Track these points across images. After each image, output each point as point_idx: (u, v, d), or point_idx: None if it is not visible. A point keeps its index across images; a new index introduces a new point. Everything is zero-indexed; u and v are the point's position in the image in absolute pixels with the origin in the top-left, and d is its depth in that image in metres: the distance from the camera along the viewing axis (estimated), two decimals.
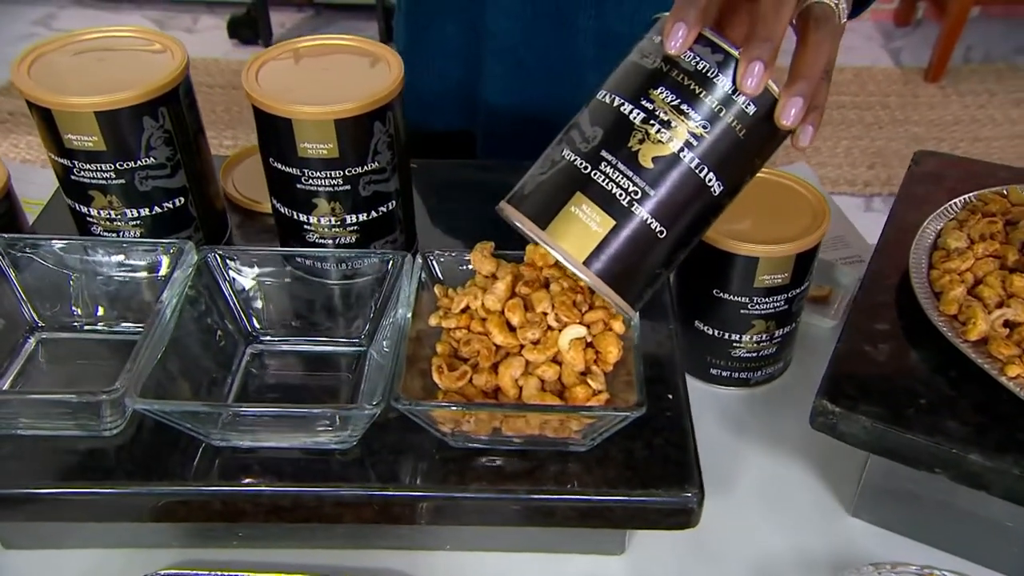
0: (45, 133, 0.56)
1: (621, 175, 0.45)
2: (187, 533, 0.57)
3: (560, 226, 0.45)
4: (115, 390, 0.47)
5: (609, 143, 0.45)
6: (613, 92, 0.46)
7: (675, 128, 0.44)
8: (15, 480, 0.50)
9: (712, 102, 0.44)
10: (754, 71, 0.43)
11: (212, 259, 0.56)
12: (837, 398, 0.53)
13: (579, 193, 0.45)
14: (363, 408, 0.47)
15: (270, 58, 0.59)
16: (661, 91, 0.45)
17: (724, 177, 0.46)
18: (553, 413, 0.47)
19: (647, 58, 0.46)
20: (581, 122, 0.47)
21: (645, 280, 0.47)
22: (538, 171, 0.47)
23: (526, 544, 0.58)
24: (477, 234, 0.57)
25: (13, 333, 0.57)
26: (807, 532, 0.59)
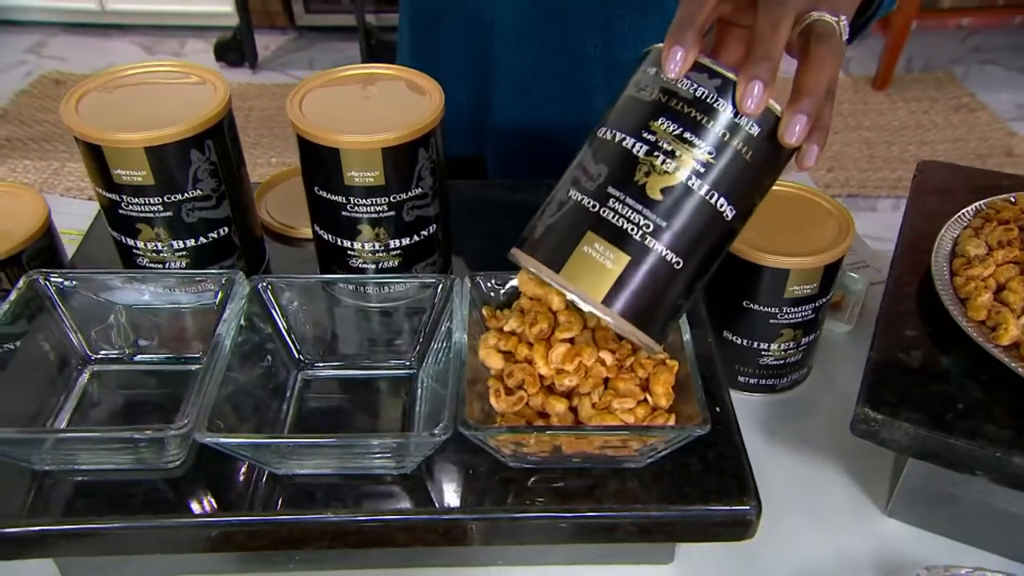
0: (93, 169, 0.53)
1: (631, 210, 0.41)
2: (243, 559, 0.54)
3: (574, 267, 0.42)
4: (184, 425, 0.44)
5: (615, 179, 0.42)
6: (613, 128, 0.43)
7: (680, 157, 0.41)
8: (79, 515, 0.47)
9: (715, 127, 0.41)
10: (754, 91, 0.41)
11: (262, 288, 0.53)
12: (878, 405, 0.52)
13: (590, 232, 0.42)
14: (433, 436, 0.44)
15: (312, 88, 0.56)
16: (662, 122, 0.42)
17: (735, 201, 0.43)
18: (623, 434, 0.45)
19: (644, 91, 0.43)
20: (584, 161, 0.44)
21: (667, 313, 0.43)
22: (546, 214, 0.44)
23: (576, 557, 0.55)
24: (494, 253, 0.54)
25: (67, 367, 0.54)
26: (845, 535, 0.58)
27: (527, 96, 0.79)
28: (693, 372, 0.47)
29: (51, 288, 0.53)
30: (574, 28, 0.74)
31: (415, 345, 0.55)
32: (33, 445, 0.47)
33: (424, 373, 0.55)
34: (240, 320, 0.50)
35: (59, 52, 2.82)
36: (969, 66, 2.93)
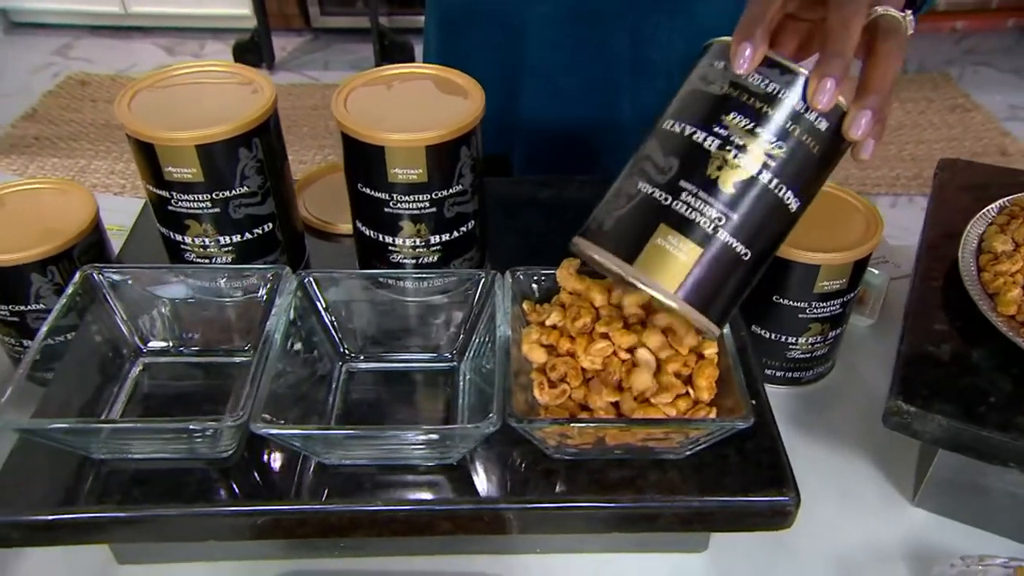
0: (144, 166, 0.52)
1: (703, 203, 0.41)
2: (291, 545, 0.54)
3: (648, 259, 0.41)
4: (239, 416, 0.44)
5: (687, 172, 0.41)
6: (682, 121, 0.42)
7: (751, 151, 0.41)
8: (135, 502, 0.46)
9: (785, 121, 0.41)
10: (826, 87, 0.40)
11: (308, 283, 0.53)
12: (911, 398, 0.51)
13: (663, 225, 0.41)
14: (480, 428, 0.44)
15: (356, 86, 0.55)
16: (734, 116, 0.41)
17: (799, 193, 0.42)
18: (668, 427, 0.45)
19: (713, 84, 0.42)
20: (652, 153, 0.43)
21: (730, 300, 0.43)
22: (614, 206, 0.43)
23: (611, 545, 0.55)
24: (525, 248, 0.53)
25: (119, 359, 0.53)
26: (874, 524, 0.57)
27: (556, 96, 0.78)
28: (735, 366, 0.47)
29: (104, 282, 0.52)
30: (605, 29, 0.73)
31: (456, 339, 0.55)
32: (92, 435, 0.46)
33: (465, 366, 0.54)
34: (289, 314, 0.50)
35: (84, 54, 2.81)
36: (964, 68, 2.92)
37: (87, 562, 0.53)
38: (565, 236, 0.48)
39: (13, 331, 0.58)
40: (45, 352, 0.54)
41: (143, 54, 2.87)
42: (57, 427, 0.45)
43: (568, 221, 0.69)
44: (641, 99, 0.77)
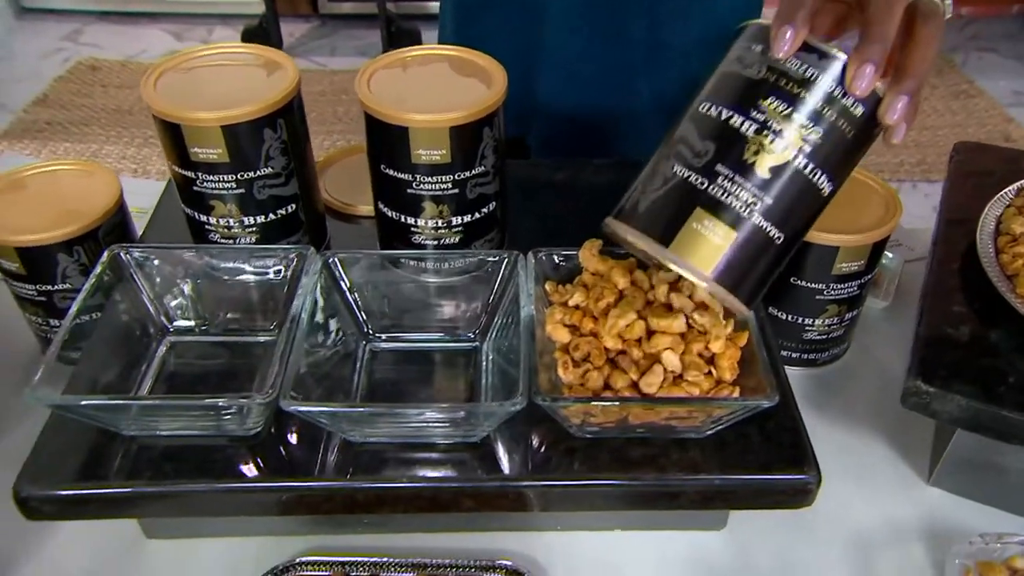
0: (170, 146, 0.52)
1: (739, 187, 0.41)
2: (315, 521, 0.54)
3: (684, 242, 0.41)
4: (269, 394, 0.44)
5: (724, 156, 0.41)
6: (719, 105, 0.42)
7: (787, 136, 0.40)
8: (164, 478, 0.46)
9: (822, 106, 0.40)
10: (865, 73, 0.39)
11: (333, 263, 0.52)
12: (930, 379, 0.51)
13: (699, 208, 0.41)
14: (506, 406, 0.44)
15: (379, 68, 0.55)
16: (771, 100, 0.41)
17: (833, 177, 0.42)
18: (695, 405, 0.45)
19: (750, 68, 0.42)
20: (688, 136, 0.42)
21: (761, 282, 0.43)
22: (649, 188, 0.43)
23: (631, 523, 0.55)
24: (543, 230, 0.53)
25: (146, 338, 0.53)
26: (890, 502, 0.57)
27: (573, 80, 0.77)
28: (758, 346, 0.47)
29: (131, 262, 0.52)
30: (622, 12, 0.73)
31: (478, 319, 0.55)
32: (123, 411, 0.46)
33: (487, 346, 0.54)
34: (316, 293, 0.50)
35: (94, 39, 2.79)
36: (968, 54, 2.89)
37: (116, 536, 0.53)
38: (582, 219, 0.48)
39: (40, 310, 0.58)
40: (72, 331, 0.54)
41: (152, 40, 2.85)
42: (90, 403, 0.45)
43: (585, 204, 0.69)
44: (657, 83, 0.76)
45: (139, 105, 2.41)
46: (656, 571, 0.53)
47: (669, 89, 0.76)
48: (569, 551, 0.54)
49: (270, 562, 0.52)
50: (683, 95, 0.80)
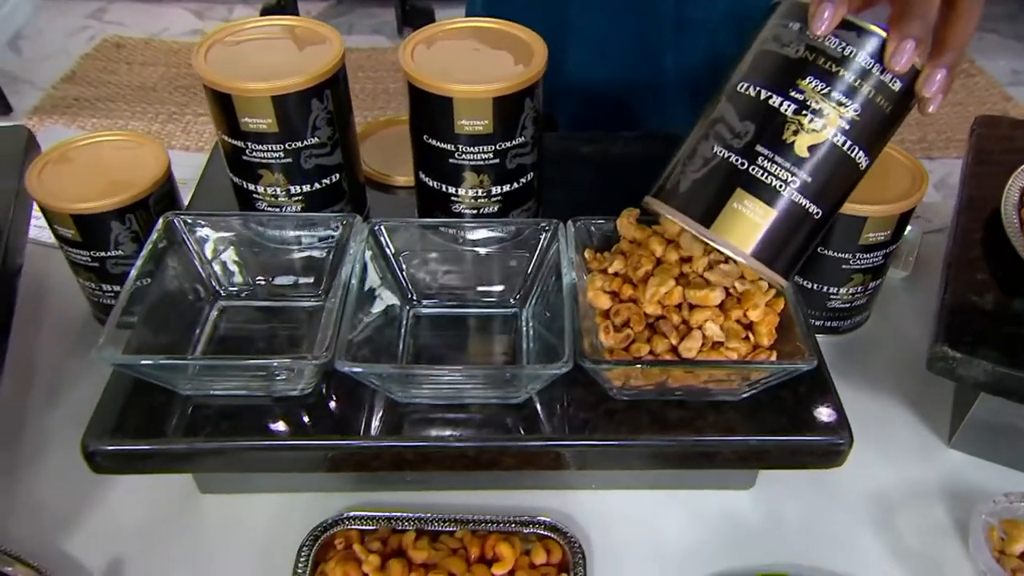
0: (221, 117, 0.52)
1: (779, 167, 0.40)
2: (360, 478, 0.54)
3: (725, 222, 0.41)
4: (324, 355, 0.44)
5: (763, 137, 0.40)
6: (758, 84, 0.41)
7: (828, 115, 0.40)
8: (221, 435, 0.46)
9: (860, 85, 0.40)
10: (906, 49, 0.39)
11: (379, 230, 0.52)
12: (956, 344, 0.50)
13: (740, 189, 0.41)
14: (556, 367, 0.43)
15: (422, 40, 0.54)
16: (810, 80, 0.40)
17: (871, 152, 0.42)
18: (736, 368, 0.44)
19: (788, 47, 0.41)
20: (727, 116, 0.42)
21: (798, 254, 0.43)
22: (689, 168, 0.42)
23: (664, 482, 0.55)
24: (574, 200, 0.53)
25: (198, 302, 0.53)
26: (912, 464, 0.57)
27: (600, 56, 0.76)
28: (796, 313, 0.46)
29: (184, 228, 0.52)
30: None
31: (518, 286, 0.54)
32: (182, 371, 0.46)
33: (527, 312, 0.54)
34: (365, 259, 0.50)
35: (118, 18, 2.77)
36: None
37: (172, 491, 0.54)
38: (612, 190, 0.48)
39: (93, 275, 0.58)
40: (132, 298, 0.54)
41: (173, 18, 2.82)
42: (152, 363, 0.45)
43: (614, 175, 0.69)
44: (684, 59, 0.75)
45: (163, 82, 2.40)
46: (687, 528, 0.53)
47: (695, 64, 0.75)
48: (603, 509, 0.54)
49: (316, 517, 0.52)
50: (709, 70, 0.79)
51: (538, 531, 0.51)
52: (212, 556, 0.52)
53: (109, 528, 0.52)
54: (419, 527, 0.51)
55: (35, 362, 0.62)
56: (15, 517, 0.53)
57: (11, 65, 2.38)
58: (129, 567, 0.51)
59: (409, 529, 0.51)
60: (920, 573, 0.51)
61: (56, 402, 0.59)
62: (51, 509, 0.53)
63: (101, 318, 0.63)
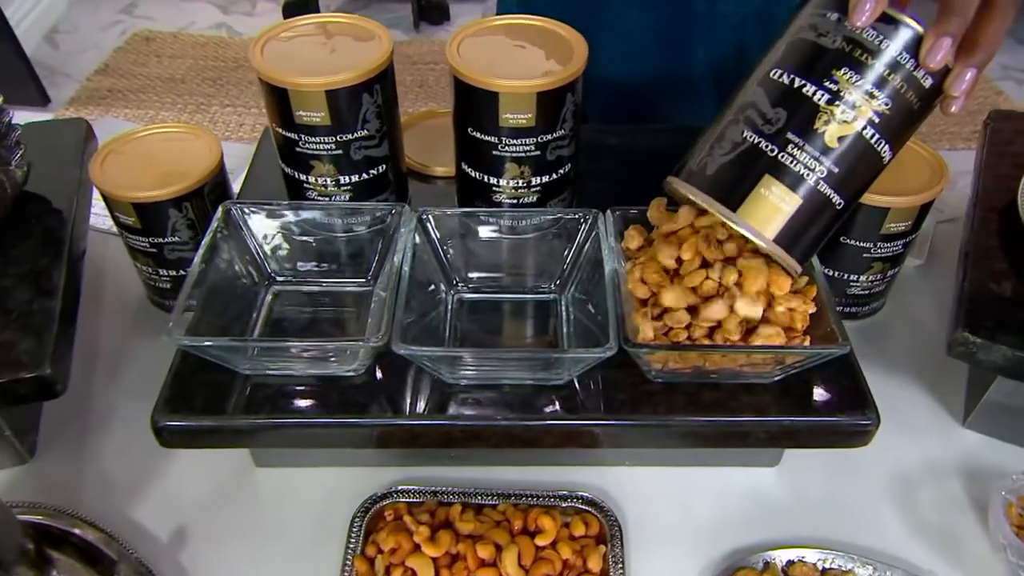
0: (276, 110, 0.51)
1: (808, 156, 0.39)
2: (406, 454, 0.55)
3: (750, 207, 0.40)
4: (380, 337, 0.44)
5: (795, 125, 0.39)
6: (792, 72, 0.40)
7: (860, 108, 0.39)
8: (277, 412, 0.47)
9: (892, 77, 0.39)
10: (942, 46, 0.38)
11: (426, 219, 0.52)
12: (977, 330, 0.50)
13: (768, 175, 0.40)
14: (601, 351, 0.44)
15: (468, 35, 0.54)
16: (845, 71, 0.39)
17: (894, 146, 0.41)
18: (773, 353, 0.44)
19: (825, 36, 0.40)
20: (759, 102, 0.41)
21: (816, 242, 0.43)
22: (717, 151, 0.41)
23: (694, 460, 0.55)
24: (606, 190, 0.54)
25: (254, 286, 0.53)
26: (928, 444, 0.57)
27: (631, 50, 0.76)
28: (828, 300, 0.46)
29: (241, 216, 0.52)
30: None
31: (557, 273, 0.54)
32: (242, 352, 0.46)
33: (565, 298, 0.54)
34: (413, 246, 0.50)
35: (147, 12, 2.75)
36: None
37: (229, 465, 0.54)
38: (643, 180, 0.48)
39: (151, 260, 0.59)
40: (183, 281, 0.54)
41: (199, 13, 2.81)
42: (217, 344, 0.45)
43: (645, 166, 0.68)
44: (712, 52, 0.75)
45: (190, 74, 2.39)
46: (716, 503, 0.54)
47: (723, 57, 0.75)
48: (636, 484, 0.54)
49: (365, 490, 0.53)
50: (736, 64, 0.79)
51: (576, 505, 0.52)
52: (267, 526, 0.52)
53: (171, 498, 0.53)
54: (464, 500, 0.52)
55: (96, 342, 0.62)
56: (86, 487, 0.53)
57: (48, 58, 2.38)
58: (192, 534, 0.51)
59: (455, 502, 0.51)
60: (938, 547, 0.51)
61: (117, 380, 0.60)
62: (117, 480, 0.54)
63: (156, 300, 0.63)
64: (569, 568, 0.48)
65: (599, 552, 0.49)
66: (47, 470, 0.54)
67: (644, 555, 0.50)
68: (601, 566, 0.48)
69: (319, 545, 0.51)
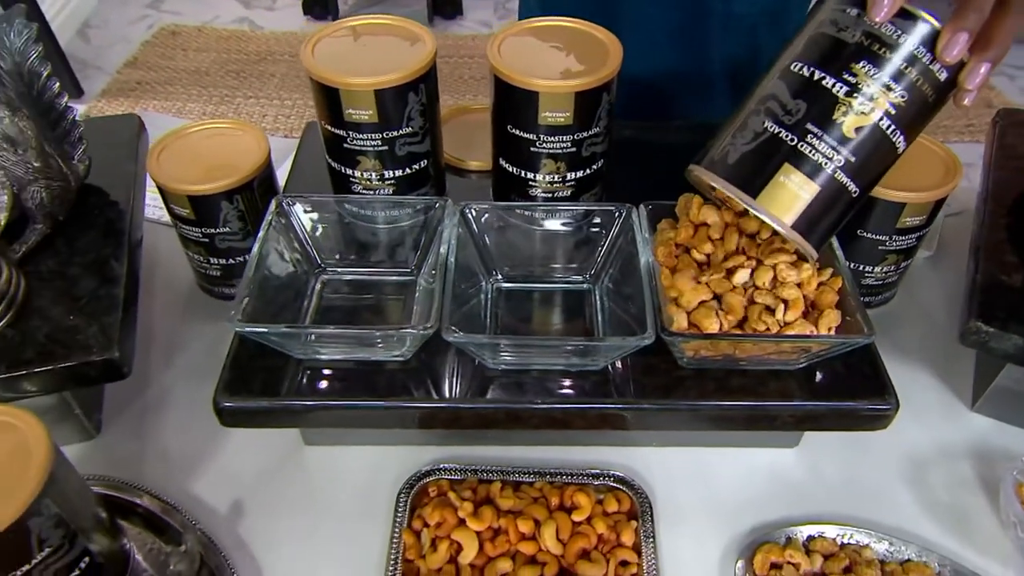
0: (326, 108, 0.52)
1: (827, 146, 0.40)
2: (446, 434, 0.55)
3: (770, 194, 0.40)
4: (430, 326, 0.44)
5: (814, 116, 0.40)
6: (812, 65, 0.40)
7: (877, 100, 0.39)
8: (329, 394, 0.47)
9: (908, 71, 0.39)
10: (959, 41, 0.37)
11: (468, 212, 0.52)
12: (989, 320, 0.51)
13: (787, 164, 0.40)
14: (638, 340, 0.44)
15: (508, 35, 0.54)
16: (863, 65, 0.39)
17: (908, 137, 0.41)
18: (803, 342, 0.45)
19: (845, 31, 0.40)
20: (779, 93, 0.41)
21: (832, 229, 0.43)
22: (739, 140, 0.41)
23: (717, 441, 0.56)
24: (630, 185, 0.55)
25: (304, 275, 0.54)
26: (939, 426, 0.58)
27: (649, 49, 0.75)
28: (852, 291, 0.47)
29: (292, 209, 0.52)
30: None
31: (592, 264, 0.55)
32: (297, 338, 0.47)
33: (599, 288, 0.54)
34: (456, 238, 0.50)
35: (173, 7, 2.74)
36: None
37: (279, 442, 0.55)
38: (667, 174, 0.48)
39: (203, 250, 0.59)
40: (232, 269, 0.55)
41: (222, 7, 2.79)
42: (277, 331, 0.46)
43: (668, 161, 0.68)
44: (727, 50, 0.74)
45: (215, 67, 2.38)
46: (738, 482, 0.54)
47: (737, 56, 0.74)
48: (663, 464, 0.55)
49: (407, 467, 0.53)
50: (749, 62, 0.78)
51: (607, 483, 0.52)
52: (317, 501, 0.53)
53: (226, 474, 0.54)
54: (503, 478, 0.52)
55: (151, 326, 0.63)
56: (147, 462, 0.54)
57: (81, 52, 2.37)
58: (247, 508, 0.52)
59: (495, 480, 0.52)
60: (949, 524, 0.52)
61: (171, 362, 0.60)
62: (175, 456, 0.55)
63: (205, 287, 0.64)
64: (603, 542, 0.49)
65: (631, 527, 0.50)
66: (111, 446, 0.55)
67: (672, 530, 0.51)
68: (634, 540, 0.49)
69: (365, 519, 0.51)
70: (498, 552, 0.48)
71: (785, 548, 0.49)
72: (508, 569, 0.47)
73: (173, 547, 0.47)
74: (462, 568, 0.47)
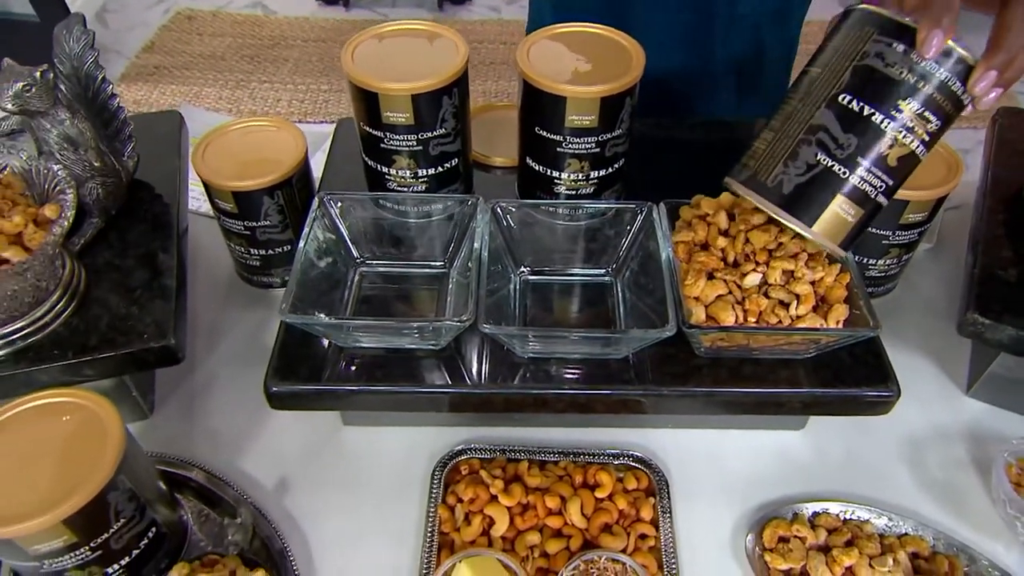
0: (364, 111, 0.53)
1: (875, 176, 0.43)
2: (474, 417, 0.58)
3: (825, 223, 0.44)
4: (467, 318, 0.46)
5: (864, 150, 0.43)
6: (862, 100, 0.42)
7: (917, 131, 0.42)
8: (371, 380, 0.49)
9: (945, 104, 0.42)
10: (990, 77, 0.40)
11: (497, 209, 0.54)
12: (986, 312, 0.53)
13: (840, 195, 0.43)
14: (661, 332, 0.46)
15: (536, 41, 0.55)
16: (910, 102, 0.42)
17: (929, 151, 0.44)
18: (815, 334, 0.47)
19: (892, 67, 0.42)
20: (830, 127, 0.43)
21: (859, 233, 0.46)
22: (791, 169, 0.44)
23: (728, 424, 0.58)
24: (643, 183, 0.57)
25: (343, 267, 0.56)
26: (935, 410, 0.60)
27: (658, 49, 0.76)
28: (860, 286, 0.48)
29: (333, 205, 0.54)
30: None
31: (614, 258, 0.57)
32: (341, 328, 0.49)
33: (620, 281, 0.56)
34: (488, 233, 0.52)
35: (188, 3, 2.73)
36: None
37: (320, 423, 0.58)
38: (682, 169, 0.50)
39: (244, 242, 0.61)
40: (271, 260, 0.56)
41: None
42: (324, 322, 0.48)
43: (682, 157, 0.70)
44: (732, 49, 0.76)
45: (229, 52, 2.37)
46: (749, 461, 0.57)
47: (741, 55, 0.76)
48: (678, 445, 0.57)
49: (439, 447, 0.56)
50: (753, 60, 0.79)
51: (627, 462, 0.55)
52: (356, 477, 0.55)
53: (270, 452, 0.56)
54: (529, 457, 0.55)
55: (195, 313, 0.65)
56: (197, 440, 0.56)
57: (100, 36, 2.35)
58: (291, 483, 0.55)
59: (522, 459, 0.54)
60: (945, 501, 0.54)
61: (214, 347, 0.63)
62: (223, 435, 0.57)
63: (245, 276, 0.66)
64: (624, 517, 0.52)
65: (650, 503, 0.52)
66: (163, 425, 0.57)
67: (688, 506, 0.54)
68: (652, 515, 0.52)
69: (401, 494, 0.54)
70: (527, 526, 0.50)
71: (792, 523, 0.52)
72: (536, 541, 0.50)
73: (228, 518, 0.50)
74: (494, 540, 0.50)
